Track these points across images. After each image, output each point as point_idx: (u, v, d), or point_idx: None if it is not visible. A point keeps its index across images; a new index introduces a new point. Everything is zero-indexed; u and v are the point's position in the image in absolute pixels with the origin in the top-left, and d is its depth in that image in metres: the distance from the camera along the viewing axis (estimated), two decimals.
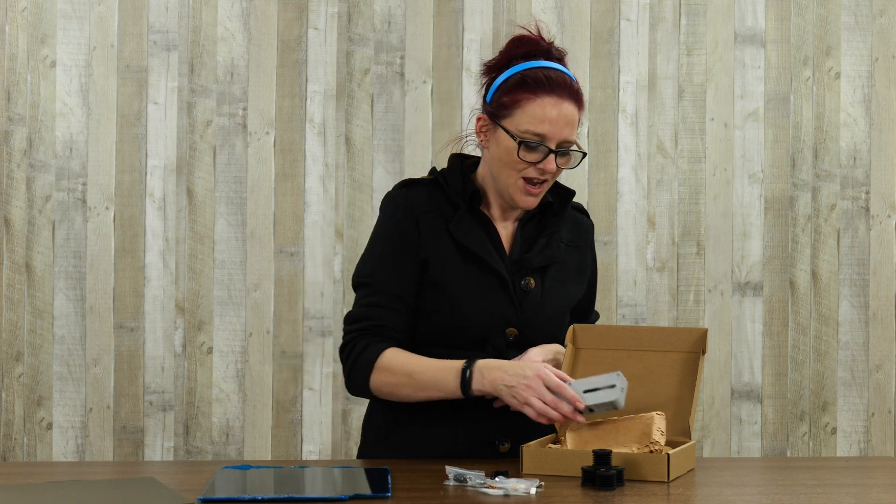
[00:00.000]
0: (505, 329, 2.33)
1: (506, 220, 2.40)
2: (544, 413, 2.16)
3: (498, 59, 2.36)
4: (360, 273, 2.36)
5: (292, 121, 3.73)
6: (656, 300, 3.78)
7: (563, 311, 2.42)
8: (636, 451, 2.11)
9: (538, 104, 2.27)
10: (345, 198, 3.73)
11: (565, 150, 2.30)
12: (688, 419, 2.23)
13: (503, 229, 2.39)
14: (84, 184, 3.69)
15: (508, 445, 2.33)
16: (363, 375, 2.29)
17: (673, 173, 3.79)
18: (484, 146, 2.37)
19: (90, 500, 1.90)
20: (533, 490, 1.96)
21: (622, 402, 2.14)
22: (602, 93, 3.78)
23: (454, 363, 2.25)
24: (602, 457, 2.01)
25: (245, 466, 2.13)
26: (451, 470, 2.03)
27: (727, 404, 3.79)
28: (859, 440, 3.80)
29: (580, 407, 2.15)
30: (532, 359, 2.29)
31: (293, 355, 3.72)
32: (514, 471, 2.11)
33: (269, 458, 3.69)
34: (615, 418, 2.19)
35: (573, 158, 2.32)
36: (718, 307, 3.79)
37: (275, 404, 3.72)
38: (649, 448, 2.12)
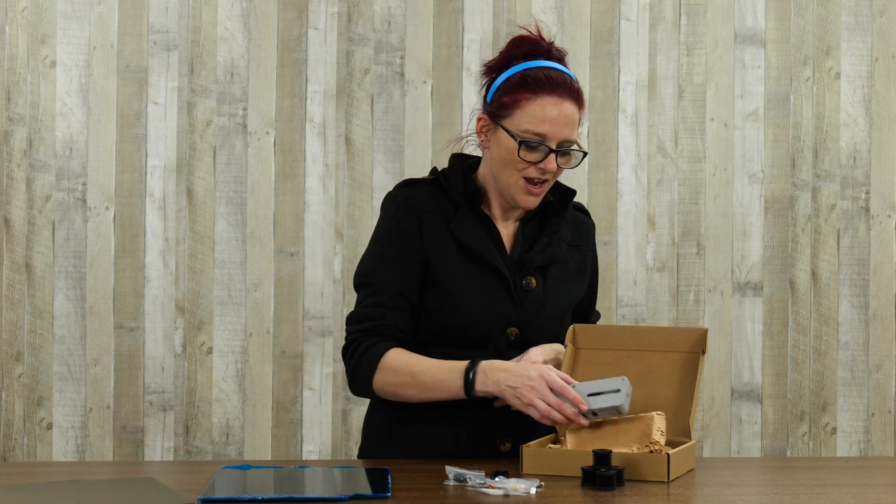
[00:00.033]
0: (506, 328, 2.33)
1: (507, 220, 2.40)
2: (548, 415, 2.16)
3: (498, 60, 2.36)
4: (362, 273, 2.36)
5: (292, 121, 3.73)
6: (656, 300, 3.78)
7: (564, 311, 2.42)
8: (636, 451, 2.11)
9: (538, 104, 2.27)
10: (345, 198, 3.73)
11: (566, 150, 2.30)
12: (688, 419, 2.23)
13: (504, 229, 2.39)
14: (84, 184, 3.69)
15: (509, 445, 2.33)
16: (366, 376, 2.29)
17: (673, 173, 3.79)
18: (485, 146, 2.36)
19: (90, 500, 1.90)
20: (533, 490, 1.96)
21: (627, 408, 2.14)
22: (602, 93, 3.78)
23: (457, 364, 2.24)
24: (602, 457, 2.01)
25: (245, 466, 2.13)
26: (451, 470, 2.03)
27: (727, 404, 3.79)
28: (859, 440, 3.80)
29: (583, 409, 2.14)
30: (532, 358, 2.29)
31: (293, 355, 3.72)
32: (514, 471, 2.11)
33: (269, 458, 3.68)
34: (615, 418, 2.19)
35: (574, 158, 2.32)
36: (718, 307, 3.79)
37: (275, 404, 3.72)
38: (649, 448, 2.12)
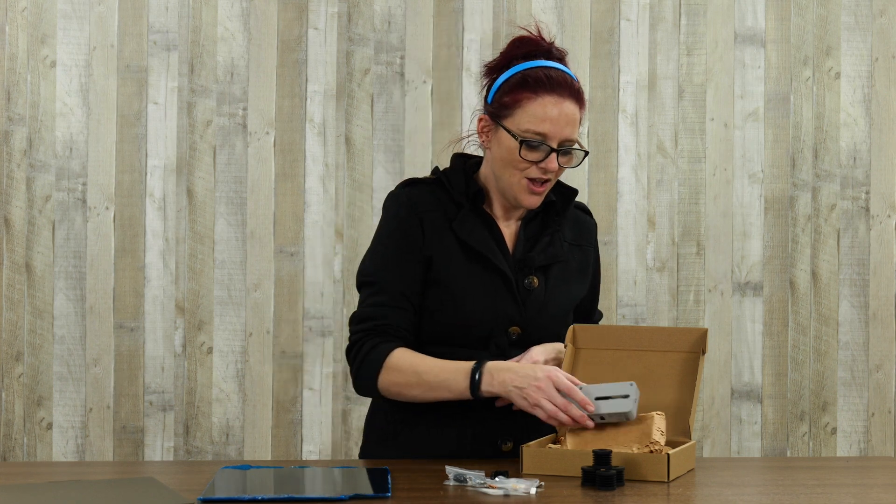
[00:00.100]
0: (508, 328, 2.33)
1: (509, 219, 2.40)
2: (554, 416, 2.15)
3: (499, 60, 2.36)
4: (364, 272, 2.36)
5: (292, 121, 3.73)
6: (656, 300, 3.78)
7: (566, 310, 2.42)
8: (636, 451, 2.11)
9: (539, 103, 2.27)
10: (345, 198, 3.73)
11: (567, 149, 2.30)
12: (688, 419, 2.23)
13: (506, 228, 2.39)
14: (84, 184, 3.69)
15: (511, 444, 2.33)
16: (371, 375, 2.29)
17: (673, 173, 3.79)
18: (486, 146, 2.36)
19: (90, 500, 1.90)
20: (533, 490, 1.96)
21: (634, 414, 2.14)
22: (602, 93, 3.78)
23: (463, 364, 2.24)
24: (602, 457, 2.01)
25: (245, 466, 2.13)
26: (451, 470, 2.03)
27: (727, 404, 3.79)
28: (859, 440, 3.80)
29: (590, 410, 2.14)
30: (534, 357, 2.29)
31: (293, 355, 3.72)
32: (515, 471, 2.11)
33: (269, 458, 3.68)
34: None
35: (575, 157, 2.32)
36: (718, 307, 3.79)
37: (275, 404, 3.72)
38: (649, 448, 2.11)
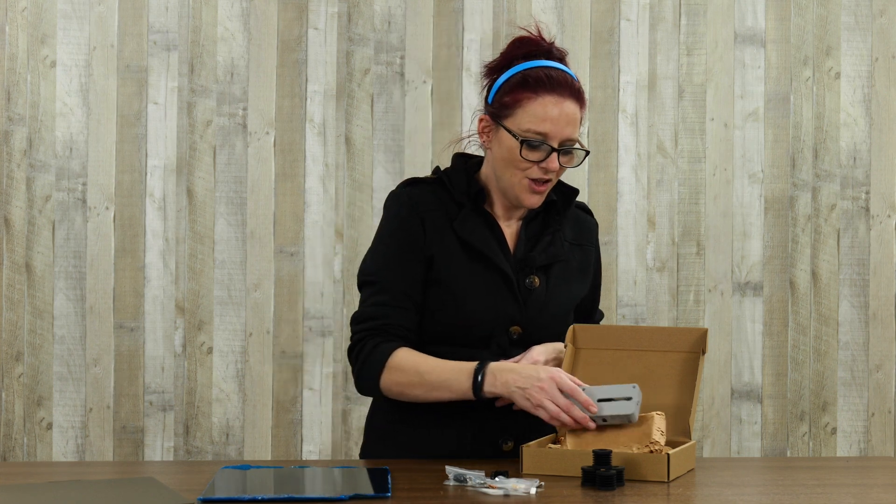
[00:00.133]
0: (509, 327, 2.33)
1: (510, 219, 2.39)
2: (556, 416, 2.15)
3: (499, 60, 2.36)
4: (366, 272, 2.36)
5: (292, 121, 3.73)
6: (656, 300, 3.78)
7: (567, 310, 2.42)
8: (636, 451, 2.11)
9: (539, 103, 2.27)
10: (345, 198, 3.73)
11: (568, 149, 2.30)
12: (688, 419, 2.23)
13: (507, 228, 2.39)
14: (84, 184, 3.69)
15: (511, 444, 2.33)
16: (373, 375, 2.29)
17: (673, 173, 3.79)
18: (486, 147, 2.36)
19: (90, 500, 1.90)
20: (533, 490, 1.96)
21: (636, 416, 2.14)
22: (602, 93, 3.78)
23: (466, 364, 2.24)
24: (602, 457, 2.01)
25: (245, 466, 2.13)
26: (451, 470, 2.03)
27: (727, 404, 3.79)
28: (859, 440, 3.80)
29: (593, 410, 2.14)
30: (534, 357, 2.29)
31: (293, 355, 3.72)
32: (515, 471, 2.11)
33: (269, 458, 3.68)
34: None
35: (576, 157, 2.32)
36: (718, 307, 3.79)
37: (275, 404, 3.72)
38: (649, 448, 2.11)
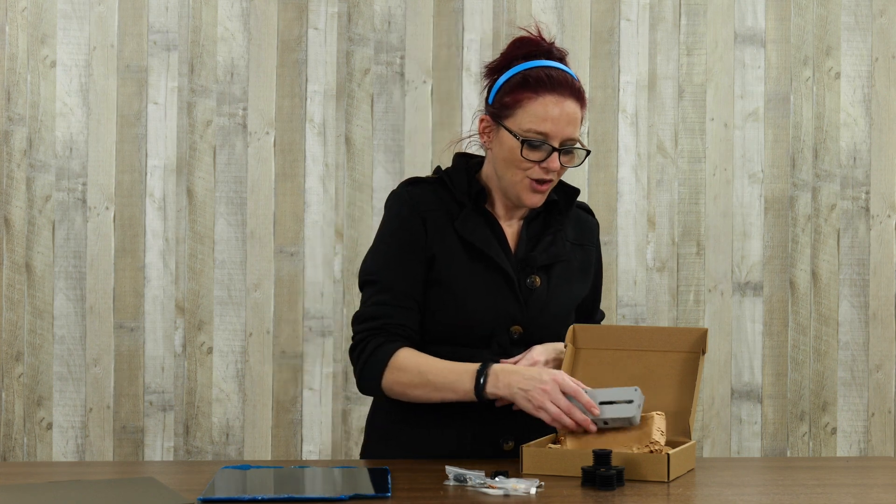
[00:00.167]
0: (510, 327, 2.33)
1: (511, 219, 2.39)
2: (558, 418, 2.15)
3: (499, 61, 2.36)
4: (367, 271, 2.36)
5: (292, 121, 3.73)
6: (656, 300, 3.78)
7: (568, 310, 2.42)
8: (636, 451, 2.11)
9: (540, 103, 2.27)
10: (345, 198, 3.73)
11: (569, 148, 2.30)
12: (688, 419, 2.23)
13: (508, 228, 2.39)
14: (84, 184, 3.69)
15: (512, 444, 2.33)
16: (375, 375, 2.29)
17: (673, 173, 3.79)
18: (487, 147, 2.36)
19: (90, 500, 1.90)
20: (533, 490, 1.96)
21: (638, 419, 2.14)
22: (602, 93, 3.78)
23: (469, 366, 2.24)
24: (602, 457, 2.01)
25: (245, 466, 2.13)
26: (451, 470, 2.03)
27: (727, 404, 3.79)
28: (859, 440, 3.80)
29: (595, 413, 2.14)
30: (534, 357, 2.29)
31: (293, 355, 3.72)
32: (515, 471, 2.11)
33: (269, 458, 3.68)
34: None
35: (577, 156, 2.32)
36: (718, 307, 3.79)
37: (275, 404, 3.72)
38: (649, 448, 2.11)
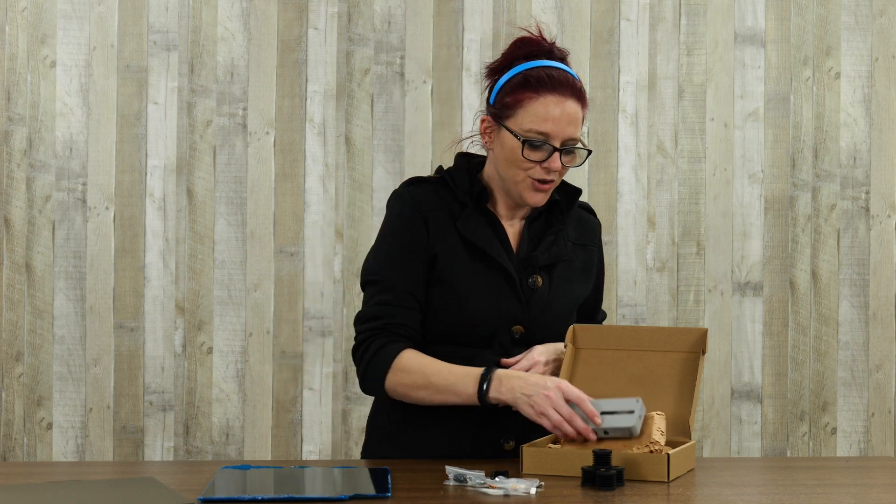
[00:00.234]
0: (511, 326, 2.33)
1: (513, 219, 2.39)
2: (559, 425, 2.15)
3: (500, 61, 2.36)
4: (369, 271, 2.36)
5: (292, 121, 3.73)
6: (656, 300, 3.78)
7: (570, 310, 2.42)
8: (636, 451, 2.11)
9: (541, 103, 2.27)
10: (345, 198, 3.73)
11: (570, 148, 2.30)
12: (688, 419, 2.23)
13: (510, 227, 2.39)
14: (84, 184, 3.69)
15: (513, 443, 2.33)
16: (378, 376, 2.28)
17: (673, 173, 3.79)
18: (489, 147, 2.36)
19: (90, 500, 1.90)
20: (533, 490, 1.96)
21: (638, 430, 2.14)
22: (602, 93, 3.78)
23: (473, 369, 2.24)
24: (602, 457, 2.01)
25: (245, 466, 2.13)
26: (451, 470, 2.03)
27: (727, 404, 3.79)
28: (859, 440, 3.80)
29: (597, 422, 2.14)
30: (535, 357, 2.29)
31: (293, 355, 3.72)
32: (515, 471, 2.11)
33: (269, 458, 3.68)
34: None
35: (578, 156, 2.31)
36: (718, 307, 3.79)
37: (275, 404, 3.72)
38: (649, 448, 2.11)
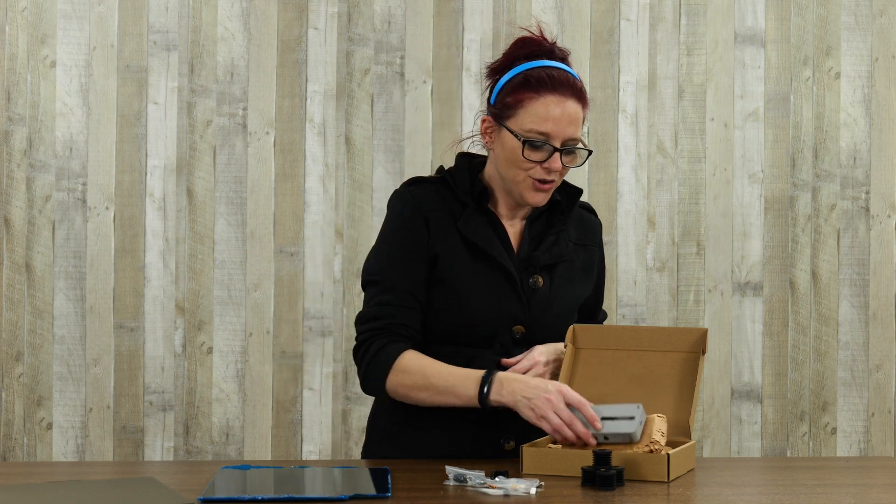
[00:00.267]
0: (512, 326, 2.33)
1: (514, 219, 2.39)
2: (559, 429, 2.14)
3: (501, 61, 2.36)
4: (370, 271, 2.36)
5: (292, 121, 3.73)
6: (656, 300, 3.78)
7: (571, 310, 2.42)
8: (636, 451, 2.11)
9: (541, 103, 2.27)
10: (345, 198, 3.73)
11: (570, 148, 2.30)
12: (688, 419, 2.23)
13: (511, 227, 2.39)
14: (84, 184, 3.69)
15: (513, 443, 2.33)
16: (379, 377, 2.28)
17: (673, 173, 3.79)
18: (489, 147, 2.36)
19: (90, 500, 1.90)
20: (533, 490, 1.96)
21: (638, 436, 2.14)
22: (602, 93, 3.77)
23: (474, 372, 2.24)
24: (602, 457, 2.01)
25: (245, 466, 2.13)
26: (451, 470, 2.03)
27: (727, 404, 3.79)
28: (859, 440, 3.80)
29: (598, 427, 2.13)
30: (535, 357, 2.30)
31: (293, 355, 3.72)
32: (515, 471, 2.11)
33: (269, 458, 3.68)
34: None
35: (579, 156, 2.31)
36: (718, 307, 3.79)
37: (275, 404, 3.72)
38: (649, 448, 2.12)
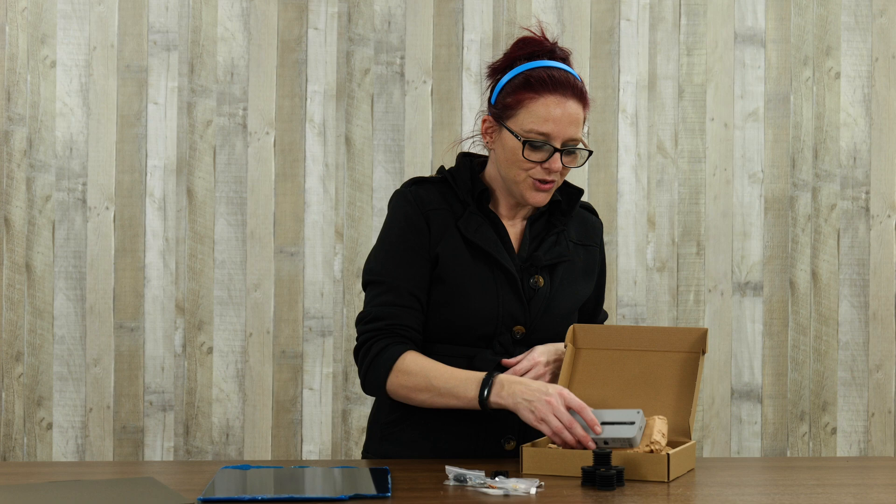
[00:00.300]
0: (512, 326, 2.33)
1: (514, 219, 2.40)
2: (559, 432, 2.14)
3: (502, 61, 2.36)
4: (371, 271, 2.36)
5: (292, 121, 3.73)
6: (656, 300, 3.78)
7: (571, 310, 2.42)
8: (636, 451, 2.11)
9: (542, 103, 2.27)
10: (345, 198, 3.73)
11: (571, 149, 2.30)
12: (688, 419, 2.23)
13: (512, 227, 2.39)
14: (84, 184, 3.69)
15: (514, 443, 2.33)
16: (380, 377, 2.29)
17: (673, 173, 3.79)
18: (490, 147, 2.37)
19: (90, 500, 1.90)
20: (533, 490, 1.96)
21: (638, 441, 2.14)
22: (602, 93, 3.78)
23: (474, 373, 2.24)
24: (602, 457, 2.01)
25: (245, 466, 2.13)
26: (451, 470, 2.03)
27: (727, 404, 3.79)
28: (859, 440, 3.80)
29: (598, 431, 2.13)
30: (536, 357, 2.30)
31: (293, 355, 3.72)
32: (515, 471, 2.11)
33: (269, 458, 3.68)
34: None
35: (579, 157, 2.32)
36: (718, 307, 3.79)
37: (275, 404, 3.72)
38: (649, 448, 2.12)
